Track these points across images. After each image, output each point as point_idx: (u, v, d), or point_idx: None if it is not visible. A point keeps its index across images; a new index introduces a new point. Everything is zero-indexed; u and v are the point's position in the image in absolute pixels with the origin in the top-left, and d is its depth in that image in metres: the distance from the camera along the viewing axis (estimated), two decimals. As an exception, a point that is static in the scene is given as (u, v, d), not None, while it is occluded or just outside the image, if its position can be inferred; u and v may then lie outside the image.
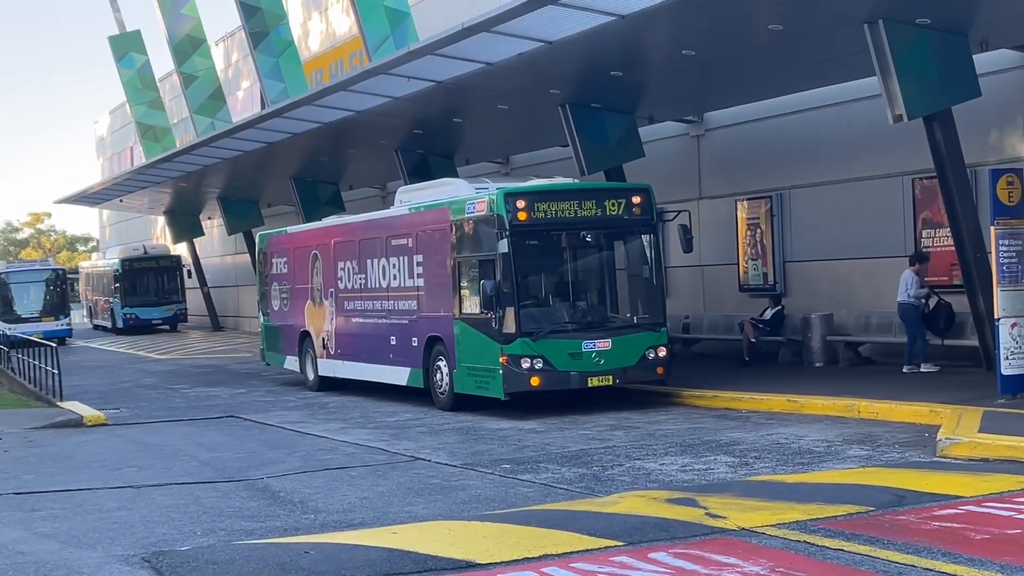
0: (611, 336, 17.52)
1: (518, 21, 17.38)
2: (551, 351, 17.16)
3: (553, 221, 17.63)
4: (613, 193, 18.40)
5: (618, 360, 17.40)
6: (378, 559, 8.65)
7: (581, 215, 17.70)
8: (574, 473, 12.49)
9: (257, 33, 33.99)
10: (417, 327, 19.75)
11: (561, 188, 18.33)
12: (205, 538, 10.08)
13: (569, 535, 9.06)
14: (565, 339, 17.35)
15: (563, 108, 22.30)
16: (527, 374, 17.05)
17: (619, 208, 17.86)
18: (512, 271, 17.09)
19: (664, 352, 17.84)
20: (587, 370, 17.24)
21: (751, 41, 18.14)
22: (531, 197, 17.48)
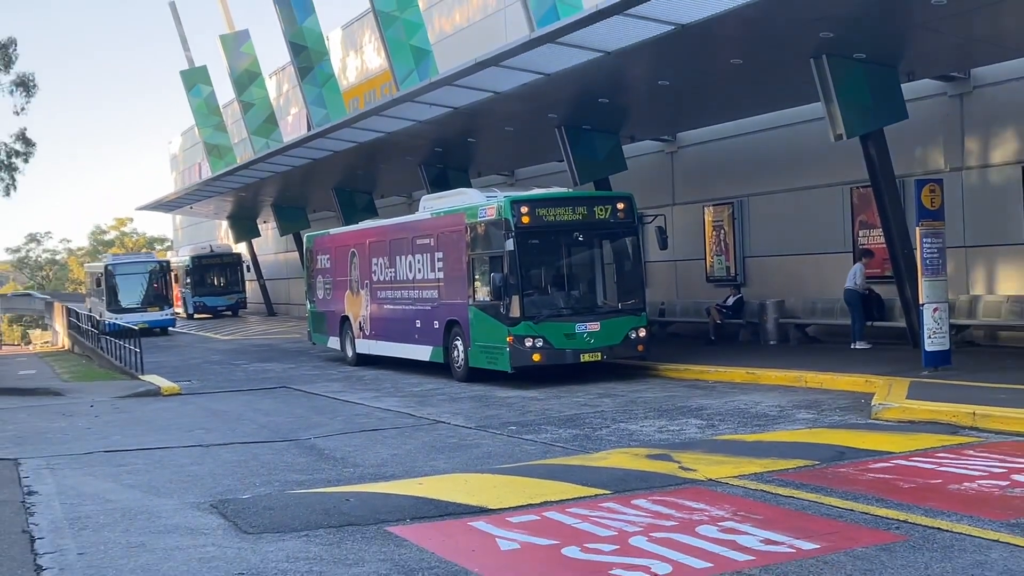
0: (600, 320, 17.62)
1: (521, 57, 17.41)
2: (550, 332, 17.31)
3: (551, 224, 17.67)
4: (601, 200, 18.47)
5: (606, 339, 17.51)
6: (407, 505, 8.68)
7: (574, 219, 17.82)
8: (569, 433, 12.51)
9: (304, 68, 33.98)
10: (438, 312, 19.85)
11: (557, 196, 18.36)
12: (263, 488, 10.11)
13: (566, 485, 9.08)
14: (561, 322, 17.45)
15: (559, 129, 22.30)
16: (530, 351, 17.23)
17: (606, 213, 17.94)
18: (516, 265, 17.25)
19: (644, 333, 17.96)
20: (580, 348, 17.40)
21: (716, 73, 18.13)
22: (532, 204, 17.62)
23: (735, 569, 6.34)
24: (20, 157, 45.56)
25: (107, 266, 42.06)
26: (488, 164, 29.86)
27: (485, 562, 6.83)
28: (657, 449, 10.78)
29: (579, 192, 20.31)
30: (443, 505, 8.60)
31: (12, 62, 43.10)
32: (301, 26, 33.53)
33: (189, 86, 47.80)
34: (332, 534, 7.84)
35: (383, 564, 6.89)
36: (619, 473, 9.52)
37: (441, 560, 6.90)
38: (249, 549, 7.51)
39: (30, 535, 8.46)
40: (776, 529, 7.20)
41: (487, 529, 7.72)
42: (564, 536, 7.37)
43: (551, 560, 6.82)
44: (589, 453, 10.96)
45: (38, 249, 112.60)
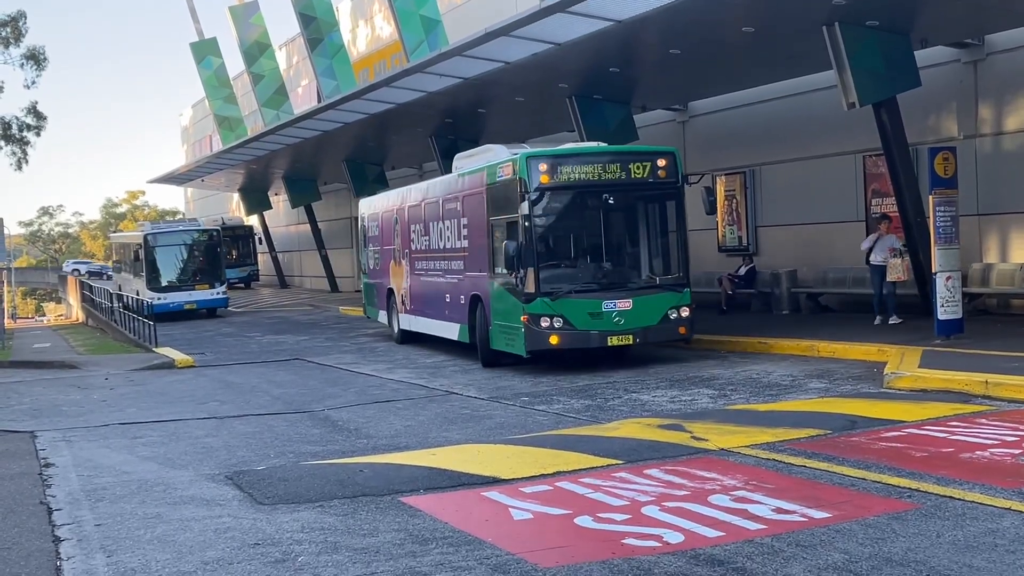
0: (632, 296, 15.26)
1: (532, 27, 17.32)
2: (571, 311, 15.09)
3: (576, 184, 15.42)
4: (638, 156, 15.91)
5: (639, 320, 15.21)
6: (420, 476, 8.73)
7: (605, 178, 15.47)
8: (581, 404, 12.54)
9: (314, 39, 33.89)
10: (463, 286, 17.85)
11: (584, 152, 16.11)
12: (277, 459, 10.18)
13: (578, 455, 9.11)
14: (585, 299, 15.19)
15: (570, 100, 22.22)
16: (546, 333, 14.99)
17: (644, 171, 15.52)
18: (532, 232, 15.11)
19: (687, 312, 15.56)
20: (607, 329, 15.12)
21: (727, 42, 18.01)
22: (553, 160, 15.33)
23: (747, 538, 6.37)
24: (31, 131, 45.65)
25: (146, 236, 34.90)
26: (499, 135, 29.66)
27: (498, 532, 6.88)
28: (669, 419, 10.80)
29: (611, 147, 17.32)
30: (456, 476, 8.65)
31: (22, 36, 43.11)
32: (310, -3, 33.39)
33: (199, 58, 47.74)
34: (346, 505, 7.89)
35: (397, 534, 6.94)
36: (631, 443, 9.55)
37: (454, 530, 6.95)
38: (264, 520, 7.58)
39: (47, 507, 8.54)
40: (788, 498, 7.23)
41: (500, 499, 7.76)
42: (577, 506, 7.41)
43: (564, 529, 6.86)
44: (601, 423, 10.99)
45: (51, 222, 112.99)
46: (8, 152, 45.49)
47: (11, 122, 44.92)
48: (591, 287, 15.45)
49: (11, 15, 42.57)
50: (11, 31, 42.15)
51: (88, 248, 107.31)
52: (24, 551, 7.18)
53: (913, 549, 5.99)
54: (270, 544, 6.89)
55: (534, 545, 6.56)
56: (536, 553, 6.35)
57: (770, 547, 6.15)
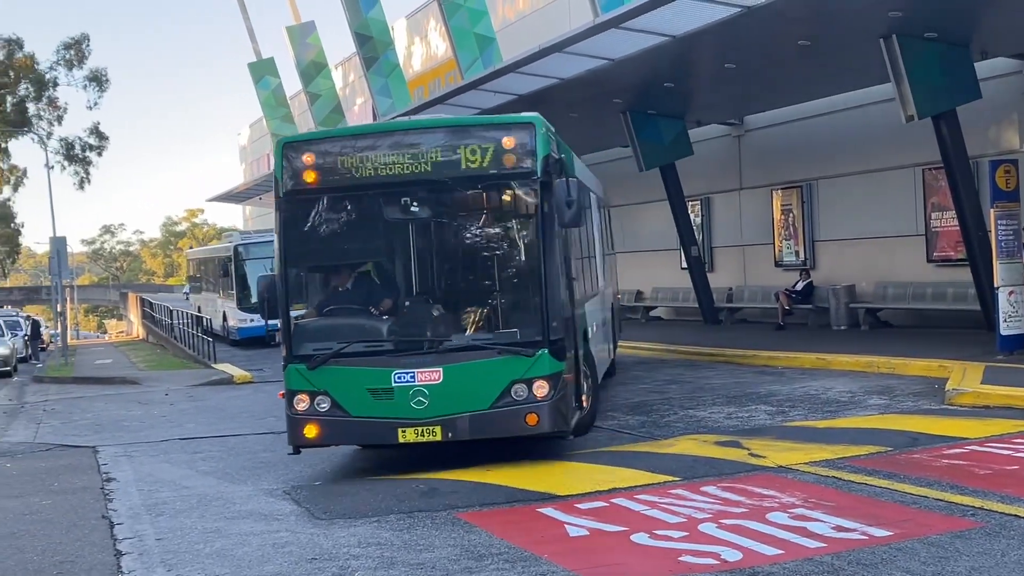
0: (443, 364, 9.51)
1: (586, 43, 17.35)
2: (339, 386, 9.66)
3: (361, 181, 9.80)
4: (466, 134, 9.78)
5: (455, 401, 9.46)
6: (476, 491, 8.73)
7: (409, 170, 9.69)
8: (636, 420, 12.48)
9: (369, 58, 34.20)
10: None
11: (374, 130, 10.73)
12: (334, 474, 10.24)
13: (633, 472, 9.07)
14: (364, 367, 9.64)
15: (624, 115, 22.23)
16: (303, 419, 9.74)
17: (479, 157, 9.59)
18: (286, 260, 10.02)
19: (545, 389, 9.42)
20: (401, 417, 9.48)
21: (783, 55, 17.90)
22: (323, 146, 10.03)
23: (806, 556, 6.29)
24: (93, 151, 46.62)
25: (236, 248, 31.06)
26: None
27: (554, 548, 6.86)
28: (726, 436, 10.71)
29: (421, 121, 11.22)
30: (511, 492, 8.64)
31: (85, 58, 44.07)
32: (366, 16, 33.72)
33: (257, 78, 48.37)
34: (402, 520, 7.92)
35: (453, 549, 6.95)
36: (688, 460, 9.48)
37: (510, 546, 6.94)
38: (321, 534, 7.63)
39: (109, 520, 8.68)
40: (848, 516, 7.13)
41: (555, 515, 7.74)
42: (633, 522, 7.37)
43: (620, 546, 6.82)
44: (657, 440, 10.92)
45: (112, 240, 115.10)
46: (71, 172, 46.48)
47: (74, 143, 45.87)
48: (376, 348, 9.83)
49: (75, 38, 43.59)
50: (75, 53, 43.10)
51: (147, 265, 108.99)
52: (86, 564, 7.29)
53: (977, 568, 5.88)
54: (327, 559, 6.93)
55: (590, 562, 6.53)
56: (592, 570, 6.32)
57: (830, 565, 6.07)
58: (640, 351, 20.20)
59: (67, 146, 45.52)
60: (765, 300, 23.85)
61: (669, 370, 17.38)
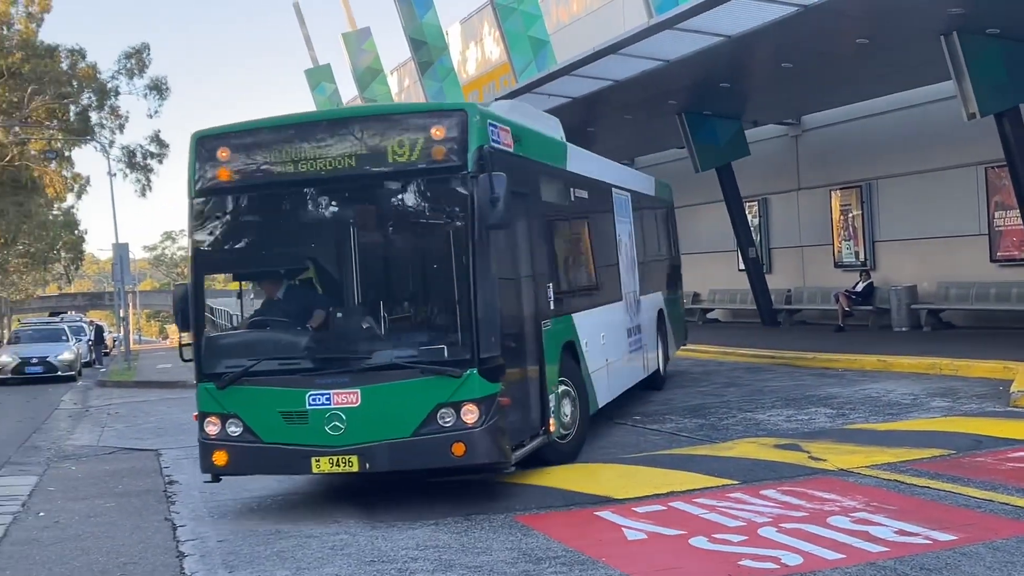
0: (361, 385, 8.40)
1: (640, 44, 17.32)
2: (251, 408, 8.69)
3: (275, 179, 8.83)
4: (392, 124, 8.78)
5: (374, 427, 8.36)
6: (533, 494, 8.73)
7: (327, 167, 8.68)
8: (694, 423, 12.40)
9: (424, 63, 34.39)
10: None
11: (290, 122, 9.09)
12: (393, 476, 10.28)
13: (691, 475, 9.01)
14: (275, 388, 8.63)
15: (679, 116, 22.15)
16: (213, 444, 8.86)
17: (406, 151, 8.53)
18: (197, 268, 9.12)
19: (475, 414, 8.23)
20: (314, 444, 8.44)
21: (841, 54, 17.72)
22: (238, 140, 9.02)
23: (868, 560, 6.21)
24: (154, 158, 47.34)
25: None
26: (607, 153, 29.64)
27: (612, 552, 6.84)
28: (785, 439, 10.61)
29: (343, 111, 10.48)
30: (569, 495, 8.63)
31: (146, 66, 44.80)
32: (421, 22, 33.93)
33: (314, 84, 48.84)
34: (460, 522, 7.95)
35: (510, 552, 6.96)
36: (747, 463, 9.40)
37: (567, 549, 6.94)
38: (380, 537, 7.67)
39: (172, 523, 8.80)
40: (911, 520, 7.03)
41: (613, 519, 7.72)
42: (691, 526, 7.33)
43: (678, 550, 6.78)
44: (715, 443, 10.85)
45: (173, 246, 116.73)
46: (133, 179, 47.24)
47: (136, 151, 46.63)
48: (290, 366, 8.76)
49: (135, 47, 44.33)
50: (136, 62, 43.84)
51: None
52: (149, 565, 7.41)
53: (1045, 574, 5.76)
54: (386, 561, 6.97)
55: (648, 566, 6.50)
56: (650, 574, 6.29)
57: (893, 570, 5.99)
58: (697, 354, 20.07)
59: (129, 154, 46.31)
60: (824, 301, 23.62)
61: (727, 373, 17.25)
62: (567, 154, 11.69)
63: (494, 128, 8.90)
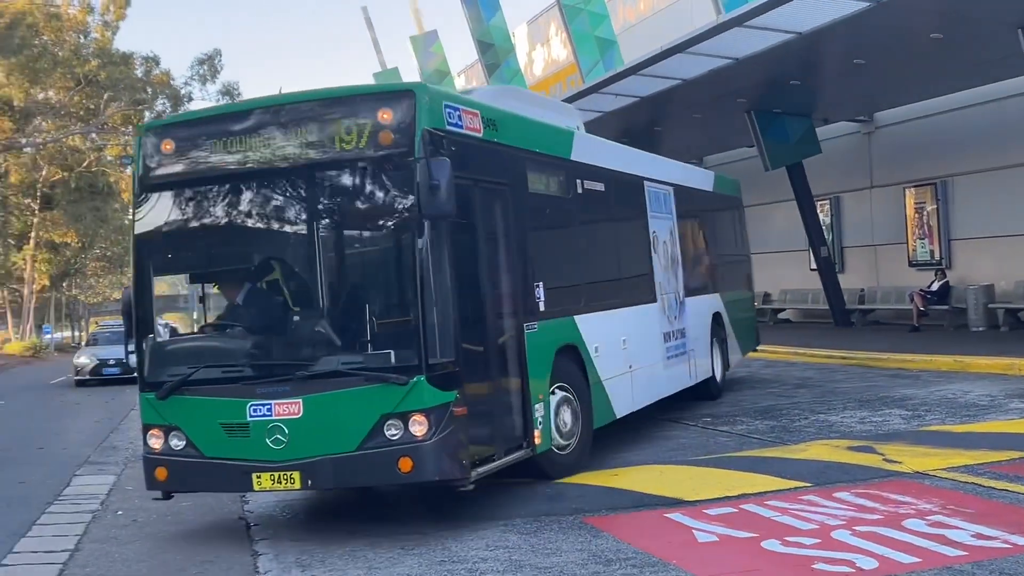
0: (303, 394, 7.69)
1: (708, 42, 17.24)
2: (192, 420, 8.07)
3: (217, 173, 8.21)
4: (336, 108, 7.96)
5: (318, 441, 7.65)
6: (602, 496, 8.72)
7: (271, 157, 8.02)
8: (765, 425, 12.28)
9: (491, 65, 34.52)
10: None
11: (232, 110, 8.91)
12: (461, 478, 10.33)
13: (763, 477, 8.93)
14: (215, 397, 7.97)
15: (748, 114, 21.98)
16: (155, 460, 8.24)
17: (352, 137, 7.78)
18: (142, 268, 8.55)
19: (423, 426, 7.49)
20: (255, 459, 7.76)
21: (914, 50, 17.45)
22: (182, 131, 8.50)
23: (945, 564, 6.11)
24: (227, 163, 48.09)
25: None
26: (675, 153, 29.54)
27: (683, 554, 6.81)
28: (859, 441, 10.46)
29: (287, 95, 8.67)
30: (638, 496, 8.60)
31: (217, 72, 45.52)
32: (488, 24, 34.06)
33: (381, 88, 49.25)
34: (530, 523, 7.96)
35: (580, 554, 6.96)
36: (819, 465, 9.29)
37: (637, 552, 6.92)
38: (450, 537, 7.72)
39: (246, 522, 8.96)
40: (989, 523, 6.89)
41: (684, 521, 7.68)
42: (763, 529, 7.26)
43: (750, 553, 6.73)
44: (787, 445, 10.73)
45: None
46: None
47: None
48: (232, 374, 8.10)
49: (207, 53, 45.06)
50: (208, 68, 44.57)
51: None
52: (225, 564, 7.54)
53: None
54: (456, 562, 7.01)
55: (720, 568, 6.46)
56: (722, 576, 6.25)
57: (970, 574, 5.89)
58: (768, 354, 19.88)
59: (201, 159, 47.13)
60: (899, 301, 23.26)
61: (798, 374, 17.06)
62: (572, 143, 10.72)
63: (454, 111, 8.18)
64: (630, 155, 12.99)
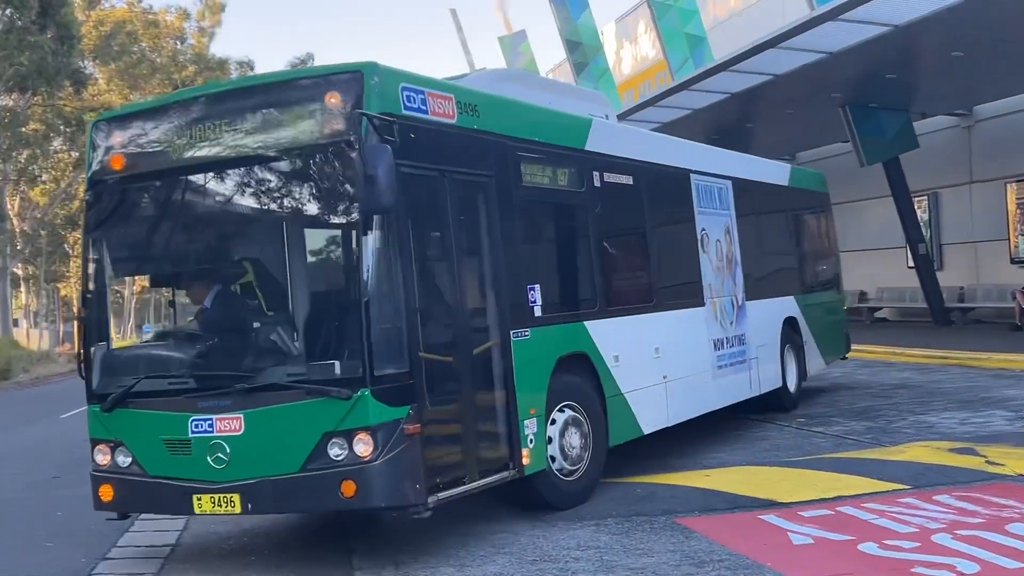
0: (245, 409, 7.01)
1: (801, 37, 17.04)
2: (136, 435, 7.47)
3: (161, 168, 7.55)
4: (280, 94, 7.23)
5: (260, 461, 6.96)
6: (694, 496, 8.66)
7: (213, 150, 7.33)
8: (862, 426, 12.07)
9: (579, 63, 34.51)
10: None
11: (174, 100, 7.79)
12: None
13: (860, 479, 8.78)
14: (158, 411, 7.33)
15: (843, 109, 21.66)
16: (99, 477, 7.64)
17: (299, 123, 7.02)
18: (86, 272, 7.93)
19: (368, 446, 6.70)
20: (197, 479, 7.13)
21: (1015, 40, 16.98)
22: (131, 123, 7.81)
23: (1052, 571, 5.94)
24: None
25: None
26: (766, 150, 29.21)
27: (777, 556, 6.72)
28: (960, 442, 10.22)
29: (228, 82, 9.19)
30: (731, 497, 8.52)
31: (310, 76, 46.24)
32: (576, 23, 34.05)
33: (470, 88, 49.56)
34: (621, 523, 7.93)
35: (672, 555, 6.91)
36: (918, 467, 9.09)
37: (731, 553, 6.85)
38: (541, 536, 7.73)
39: (341, 521, 9.07)
40: (1098, 529, 6.68)
41: (778, 523, 7.59)
42: (860, 532, 7.13)
43: (847, 556, 6.61)
44: (885, 446, 10.53)
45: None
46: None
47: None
48: (175, 385, 7.44)
49: (300, 57, 45.94)
50: (300, 72, 45.37)
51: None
52: (320, 562, 7.66)
53: None
54: (548, 561, 7.02)
55: (816, 571, 6.37)
56: (818, 579, 6.16)
57: (1079, 582, 5.71)
58: (864, 354, 19.53)
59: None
60: (1000, 299, 22.66)
61: (896, 374, 16.72)
62: (588, 132, 9.59)
63: (415, 94, 7.36)
64: (672, 146, 11.96)
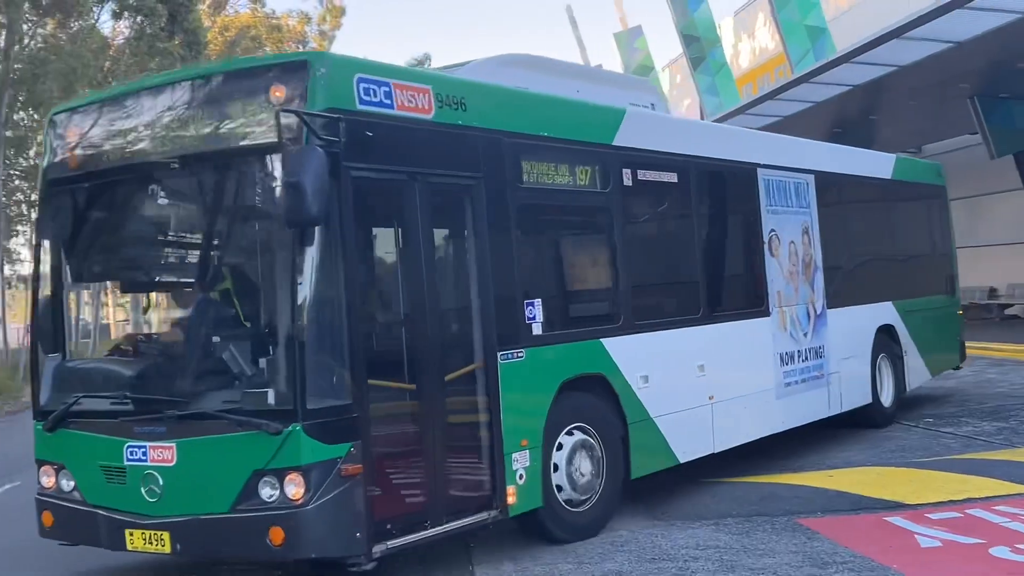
0: (177, 437, 6.37)
1: (927, 26, 16.59)
2: (75, 458, 6.94)
3: (105, 165, 6.98)
4: (225, 87, 6.55)
5: (191, 496, 6.32)
6: (817, 497, 8.54)
7: (155, 148, 6.76)
8: (993, 427, 11.70)
9: (696, 58, 34.18)
10: None
11: (123, 92, 7.20)
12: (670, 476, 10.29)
13: (991, 481, 8.53)
14: (96, 434, 6.77)
15: (971, 100, 21.00)
16: (41, 501, 7.16)
17: (244, 119, 6.36)
18: (36, 276, 7.53)
19: (300, 488, 5.99)
20: (129, 511, 6.54)
21: None
22: (85, 116, 7.22)
23: None
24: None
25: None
26: (892, 142, 28.47)
27: (903, 559, 6.58)
28: (1098, 444, 9.85)
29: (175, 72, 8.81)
30: (855, 498, 8.37)
31: (427, 76, 46.85)
32: (693, 16, 33.72)
33: (586, 85, 49.47)
34: (741, 523, 7.86)
35: (794, 556, 6.82)
36: (1053, 470, 8.80)
37: (855, 555, 6.72)
38: (660, 535, 7.71)
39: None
40: None
41: (904, 525, 7.42)
42: (991, 535, 6.93)
43: (977, 560, 6.44)
44: (1017, 448, 10.20)
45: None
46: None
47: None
48: (115, 406, 6.74)
49: (418, 58, 46.52)
50: (418, 73, 46.00)
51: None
52: (439, 560, 7.76)
53: None
54: (666, 559, 7.00)
55: (944, 575, 6.21)
56: (947, 583, 6.01)
57: None
58: (994, 352, 18.92)
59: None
60: None
61: None
62: (619, 125, 8.52)
63: (375, 86, 6.49)
64: (735, 138, 10.89)
